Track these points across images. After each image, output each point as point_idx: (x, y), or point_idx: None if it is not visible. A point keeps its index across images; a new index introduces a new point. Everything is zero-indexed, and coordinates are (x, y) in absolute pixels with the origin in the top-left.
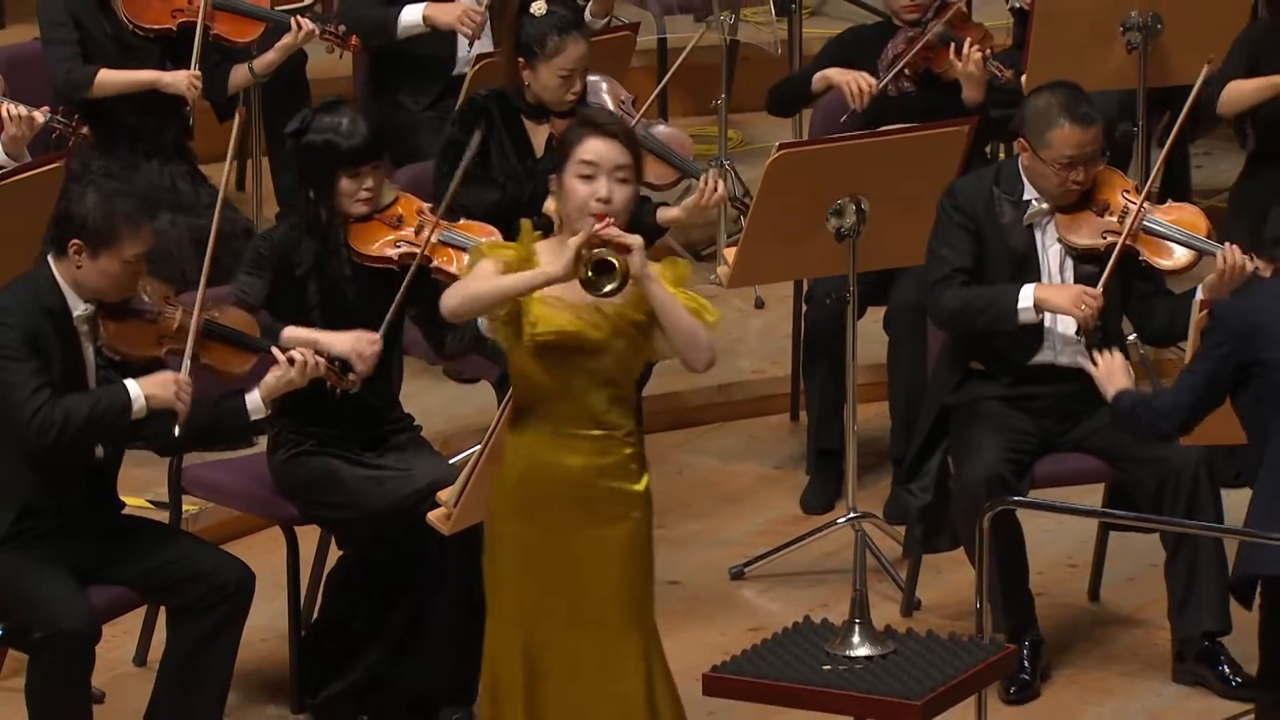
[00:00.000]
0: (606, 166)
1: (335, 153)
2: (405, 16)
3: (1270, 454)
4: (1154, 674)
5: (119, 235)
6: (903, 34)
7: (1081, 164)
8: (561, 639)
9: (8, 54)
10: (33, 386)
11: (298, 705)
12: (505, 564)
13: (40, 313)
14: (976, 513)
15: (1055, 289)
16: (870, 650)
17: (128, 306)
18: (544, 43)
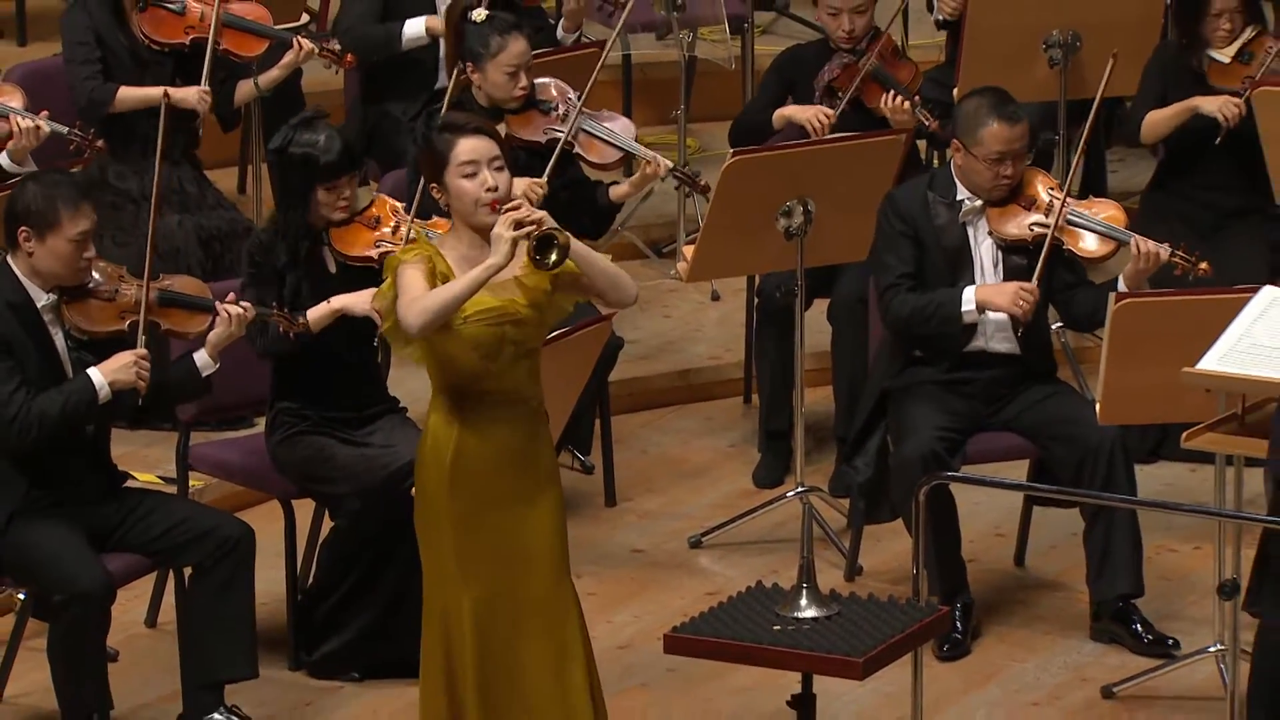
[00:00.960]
0: (484, 159)
1: (313, 167)
2: (409, 29)
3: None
4: (1074, 633)
5: (60, 215)
6: (838, 59)
7: (1010, 159)
8: (506, 599)
9: (30, 69)
10: (9, 390)
11: (295, 663)
12: (447, 535)
13: (6, 309)
14: (913, 487)
15: (994, 289)
16: (817, 612)
17: (85, 289)
18: (487, 44)
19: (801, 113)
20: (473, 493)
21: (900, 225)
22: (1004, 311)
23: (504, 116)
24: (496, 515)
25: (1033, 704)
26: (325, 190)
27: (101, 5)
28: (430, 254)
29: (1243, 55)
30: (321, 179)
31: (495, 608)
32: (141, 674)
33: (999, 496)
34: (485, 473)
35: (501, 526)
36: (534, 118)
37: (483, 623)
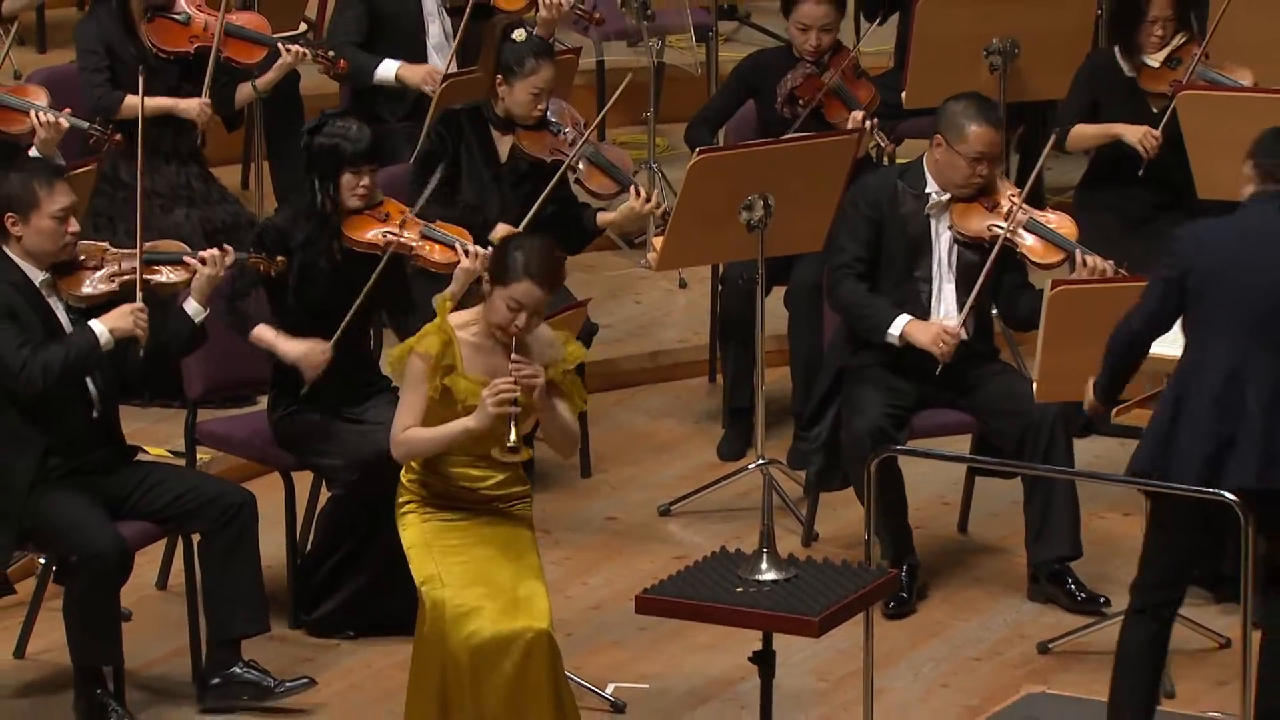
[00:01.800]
0: (529, 306)
1: (341, 153)
2: (380, 71)
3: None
4: (1013, 593)
5: (38, 195)
6: (801, 69)
7: (987, 160)
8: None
9: (50, 74)
10: (14, 346)
11: (295, 622)
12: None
13: (8, 287)
14: (863, 459)
15: (921, 327)
16: (776, 575)
17: (75, 263)
18: (523, 63)
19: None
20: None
21: (867, 210)
22: (924, 348)
23: (517, 130)
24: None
25: (974, 659)
26: (351, 175)
27: (111, 16)
28: (448, 338)
29: (1172, 61)
30: (349, 164)
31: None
32: (152, 632)
33: (944, 468)
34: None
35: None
36: (544, 137)
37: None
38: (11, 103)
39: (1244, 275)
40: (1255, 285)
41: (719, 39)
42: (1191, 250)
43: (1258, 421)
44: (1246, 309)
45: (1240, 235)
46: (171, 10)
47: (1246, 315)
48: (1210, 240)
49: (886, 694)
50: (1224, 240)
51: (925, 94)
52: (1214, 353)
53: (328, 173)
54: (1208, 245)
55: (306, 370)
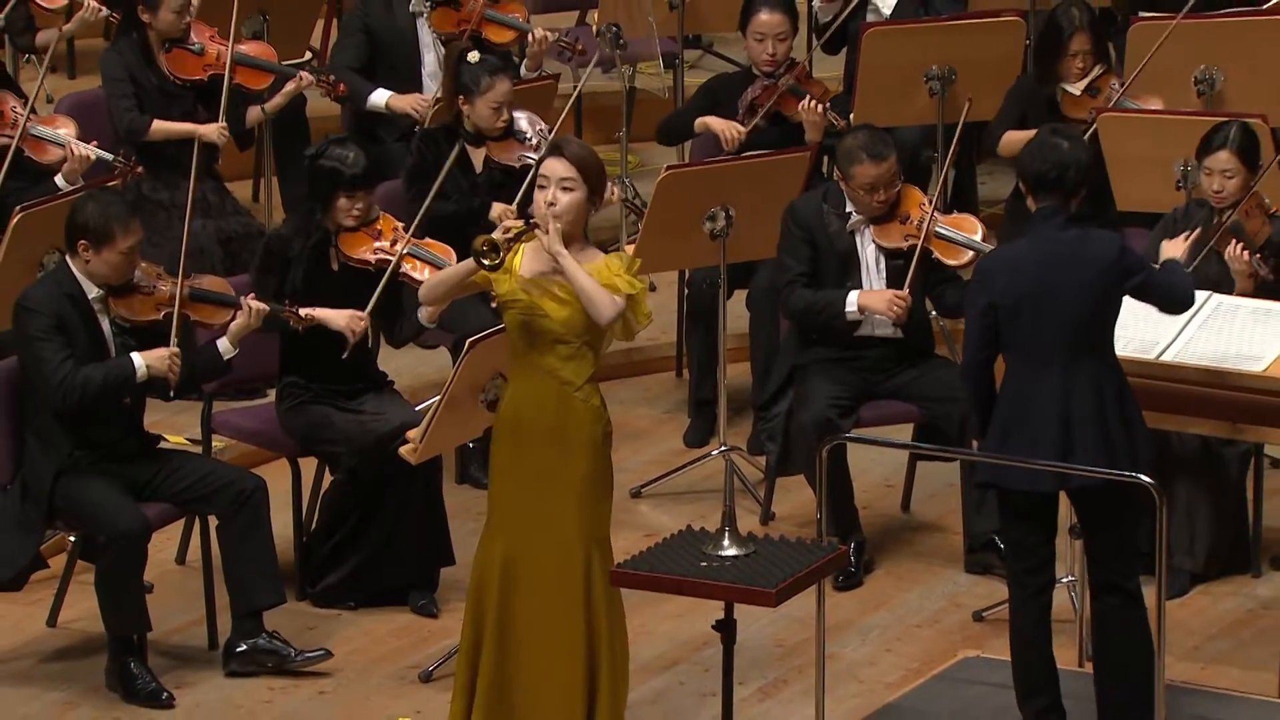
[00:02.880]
0: (554, 178)
1: (339, 177)
2: (373, 98)
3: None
4: (951, 566)
5: (114, 233)
6: (760, 82)
7: (880, 188)
8: (529, 544)
9: (78, 99)
10: (58, 360)
11: (301, 594)
12: (497, 484)
13: (63, 299)
14: (813, 447)
15: (873, 295)
16: (737, 551)
17: (129, 285)
18: (479, 82)
19: (718, 124)
20: (509, 449)
21: (799, 231)
22: (880, 314)
23: (486, 142)
24: (524, 475)
25: (916, 626)
26: (345, 198)
27: (132, 47)
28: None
29: (1091, 90)
30: (344, 188)
31: (515, 549)
32: (173, 602)
33: (888, 454)
34: (518, 434)
35: (526, 486)
36: (512, 145)
37: (508, 558)
38: (45, 135)
39: (1046, 298)
40: (1059, 304)
41: (685, 66)
42: (996, 280)
43: (1090, 429)
44: (1055, 328)
45: (1038, 260)
46: (187, 42)
47: (1056, 333)
48: (1012, 269)
49: (836, 658)
50: (1024, 267)
51: (872, 114)
52: (1034, 371)
53: (325, 193)
54: (1010, 273)
55: (350, 336)
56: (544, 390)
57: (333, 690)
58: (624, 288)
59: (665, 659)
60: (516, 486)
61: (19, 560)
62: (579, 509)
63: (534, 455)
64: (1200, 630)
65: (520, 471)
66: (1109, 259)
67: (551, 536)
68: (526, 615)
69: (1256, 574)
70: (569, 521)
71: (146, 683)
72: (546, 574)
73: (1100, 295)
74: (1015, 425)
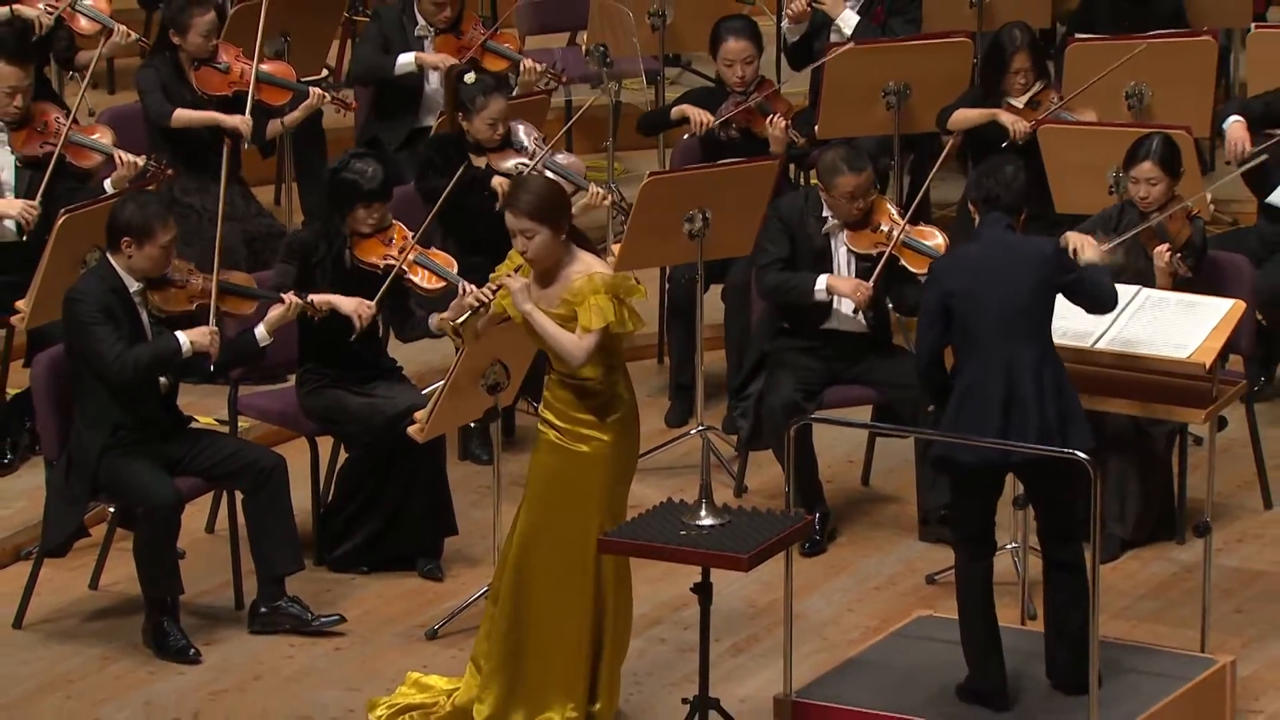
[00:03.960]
0: (516, 231)
1: (358, 189)
2: (401, 60)
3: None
4: (907, 535)
5: (154, 229)
6: (732, 98)
7: (859, 197)
8: (547, 514)
9: (116, 112)
10: (111, 341)
11: (319, 560)
12: (535, 455)
13: (108, 292)
14: (781, 426)
15: (841, 280)
16: (713, 521)
17: (165, 279)
18: (474, 101)
19: (692, 110)
20: (551, 419)
21: (780, 225)
22: (846, 297)
23: (486, 152)
24: (562, 444)
25: (875, 589)
26: (363, 208)
27: (166, 64)
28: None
29: (1032, 103)
30: (363, 200)
31: (535, 517)
32: (203, 568)
33: (849, 433)
34: (554, 408)
35: (561, 454)
36: (509, 154)
37: (530, 525)
38: (85, 142)
39: (990, 289)
40: (1001, 297)
41: (665, 82)
42: (947, 277)
43: (1033, 409)
44: (998, 316)
45: (980, 257)
46: (214, 60)
47: (999, 324)
48: (958, 267)
49: (803, 617)
50: (971, 265)
51: (835, 127)
52: (985, 362)
53: (344, 203)
54: (959, 271)
55: (356, 320)
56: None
57: (347, 647)
58: (593, 322)
59: (648, 618)
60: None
61: (64, 529)
62: (595, 489)
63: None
64: (1130, 591)
65: (559, 446)
66: (1044, 257)
67: (567, 509)
68: (542, 579)
69: (1181, 541)
70: (590, 496)
71: (177, 639)
72: (564, 543)
73: (1037, 289)
74: (963, 407)
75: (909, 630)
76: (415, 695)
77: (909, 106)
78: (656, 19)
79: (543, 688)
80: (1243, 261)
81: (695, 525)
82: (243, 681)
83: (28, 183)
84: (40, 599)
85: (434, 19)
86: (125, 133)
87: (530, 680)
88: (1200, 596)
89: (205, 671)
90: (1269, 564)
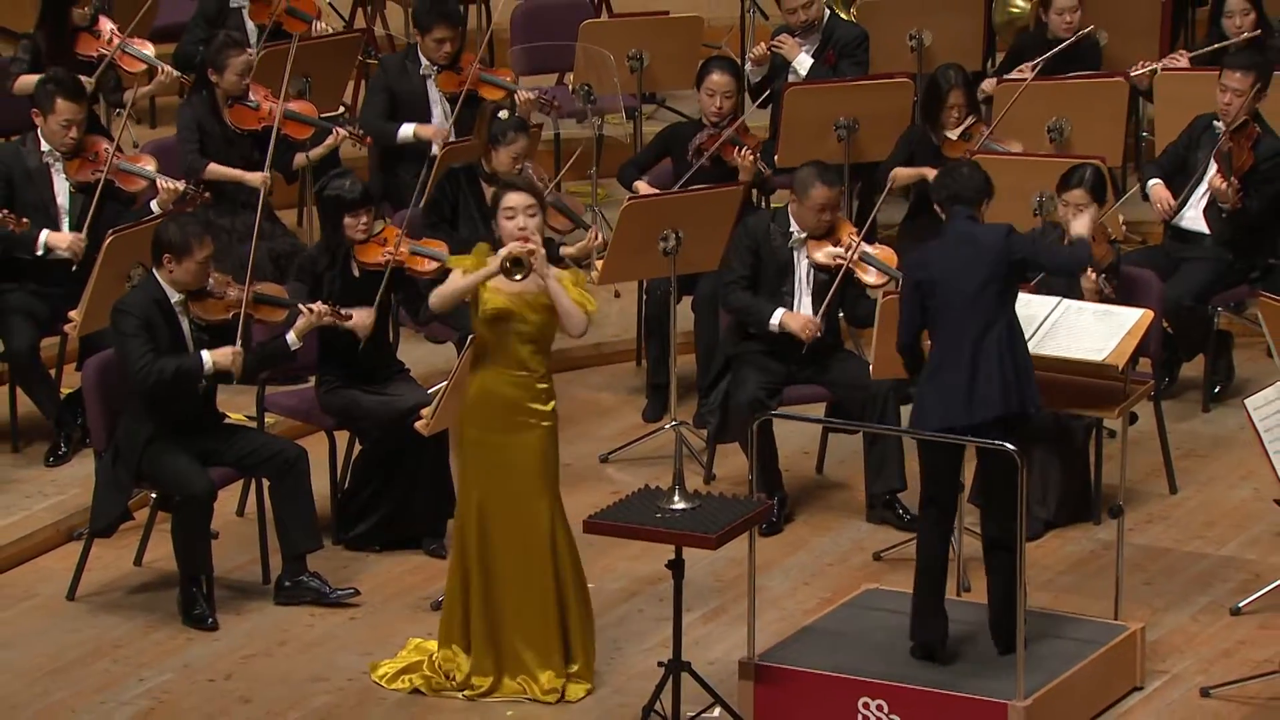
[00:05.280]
0: (520, 207)
1: (341, 201)
2: (402, 132)
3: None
4: (856, 517)
5: (192, 246)
6: (706, 131)
7: (829, 209)
8: (500, 502)
9: (158, 144)
10: (141, 352)
11: (336, 540)
12: (467, 455)
13: (152, 304)
14: (746, 421)
15: (793, 317)
16: (685, 505)
17: (204, 291)
18: (505, 135)
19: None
20: (482, 425)
21: (748, 241)
22: (795, 333)
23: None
24: (494, 439)
25: (828, 564)
26: (350, 217)
27: (202, 102)
28: (480, 263)
29: (965, 135)
30: (348, 210)
31: (488, 508)
32: (234, 547)
33: (805, 427)
34: (491, 414)
35: (494, 446)
36: None
37: (482, 515)
38: (131, 169)
39: (955, 275)
40: (964, 277)
41: (643, 117)
42: (916, 271)
43: (995, 369)
44: (963, 296)
45: (948, 246)
46: (246, 99)
47: (965, 300)
48: (930, 257)
49: (764, 590)
50: (939, 255)
51: (793, 157)
52: (954, 339)
53: (334, 216)
54: (929, 261)
55: (360, 330)
56: (513, 377)
57: (361, 616)
58: (590, 306)
59: (627, 591)
60: (485, 451)
61: (111, 513)
62: (541, 470)
63: (496, 427)
64: (1052, 566)
65: (488, 439)
66: (999, 239)
67: (517, 494)
68: (504, 555)
69: (1097, 522)
70: (532, 480)
71: (201, 610)
72: (516, 526)
73: (995, 268)
74: (936, 374)
75: (858, 601)
76: (414, 657)
77: (857, 139)
78: (635, 61)
79: (524, 654)
80: (1151, 276)
81: (669, 509)
82: (269, 647)
83: (81, 206)
84: (90, 574)
85: (435, 55)
86: (166, 162)
87: (510, 648)
88: (1114, 571)
89: (237, 638)
90: (1174, 542)
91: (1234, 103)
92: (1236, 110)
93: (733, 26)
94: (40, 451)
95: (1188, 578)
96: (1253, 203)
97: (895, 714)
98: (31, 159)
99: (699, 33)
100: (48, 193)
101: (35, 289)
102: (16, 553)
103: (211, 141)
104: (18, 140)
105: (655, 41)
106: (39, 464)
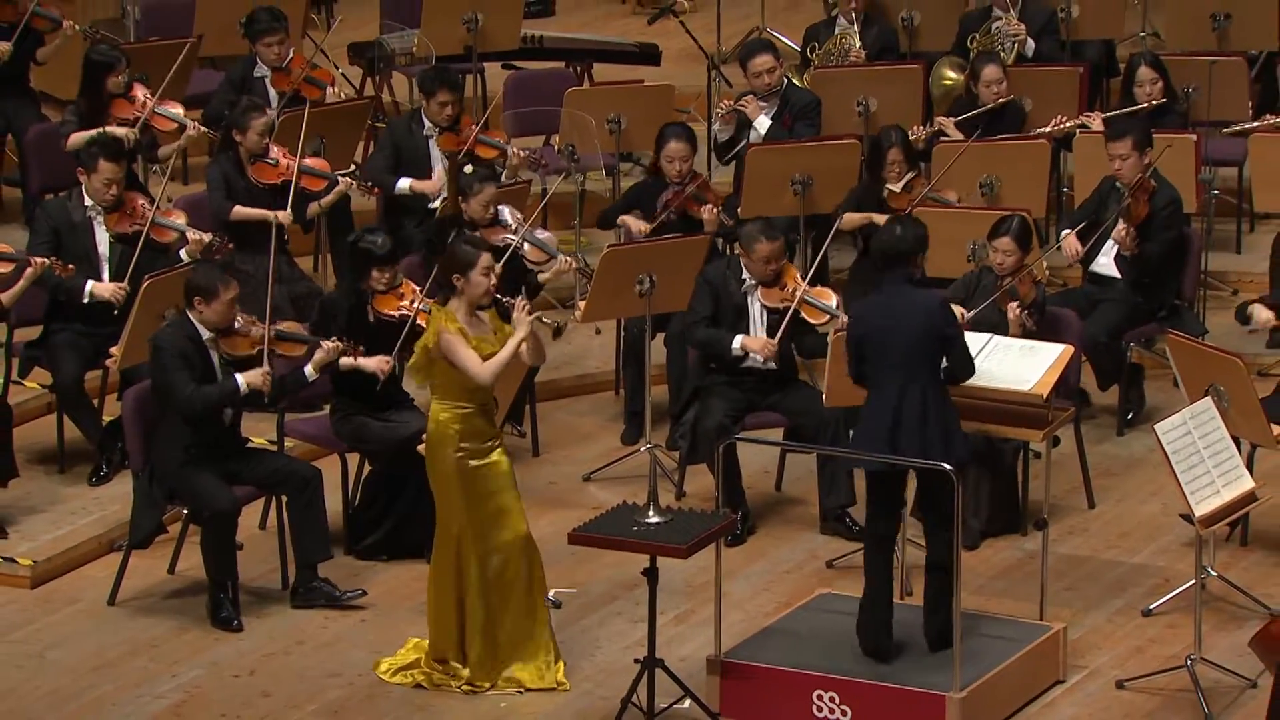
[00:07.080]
0: (490, 266)
1: (371, 255)
2: (399, 184)
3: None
4: (810, 529)
5: (219, 289)
6: (671, 188)
7: (773, 260)
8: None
9: (189, 199)
10: (184, 381)
11: (347, 551)
12: (447, 480)
13: (185, 340)
14: (713, 445)
15: (752, 340)
16: (659, 519)
17: (232, 329)
18: (471, 187)
19: (631, 221)
20: (464, 452)
21: (708, 287)
22: (755, 353)
23: (478, 228)
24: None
25: (786, 572)
26: (377, 270)
27: (229, 161)
28: (458, 324)
29: (907, 188)
30: (376, 264)
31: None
32: (257, 558)
33: (767, 449)
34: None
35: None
36: (496, 230)
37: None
38: (165, 223)
39: (888, 335)
40: (897, 339)
41: (620, 174)
42: (855, 324)
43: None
44: (895, 357)
45: (882, 308)
46: (267, 156)
47: (896, 361)
48: (865, 315)
49: (729, 594)
50: (873, 314)
51: (754, 209)
52: (883, 390)
53: (361, 268)
54: (864, 319)
55: (379, 373)
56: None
57: (370, 619)
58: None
59: (607, 596)
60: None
61: (147, 527)
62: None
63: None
64: (985, 573)
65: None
66: (932, 308)
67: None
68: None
69: (1024, 533)
70: (508, 490)
71: (228, 613)
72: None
73: (924, 334)
74: (864, 425)
75: (812, 604)
76: (413, 655)
77: (811, 193)
78: (613, 124)
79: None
80: (1072, 315)
81: (645, 522)
82: (288, 646)
83: (119, 255)
84: (129, 582)
85: (438, 118)
86: (196, 215)
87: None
88: (1039, 577)
89: (258, 638)
90: (1092, 551)
91: (1122, 166)
92: (1128, 171)
93: (700, 94)
94: (84, 472)
95: (1105, 583)
96: (1152, 246)
97: (846, 705)
98: (76, 213)
99: (670, 99)
100: (90, 243)
101: (81, 329)
102: (63, 563)
103: (236, 194)
104: (64, 196)
105: (631, 107)
106: (83, 483)
